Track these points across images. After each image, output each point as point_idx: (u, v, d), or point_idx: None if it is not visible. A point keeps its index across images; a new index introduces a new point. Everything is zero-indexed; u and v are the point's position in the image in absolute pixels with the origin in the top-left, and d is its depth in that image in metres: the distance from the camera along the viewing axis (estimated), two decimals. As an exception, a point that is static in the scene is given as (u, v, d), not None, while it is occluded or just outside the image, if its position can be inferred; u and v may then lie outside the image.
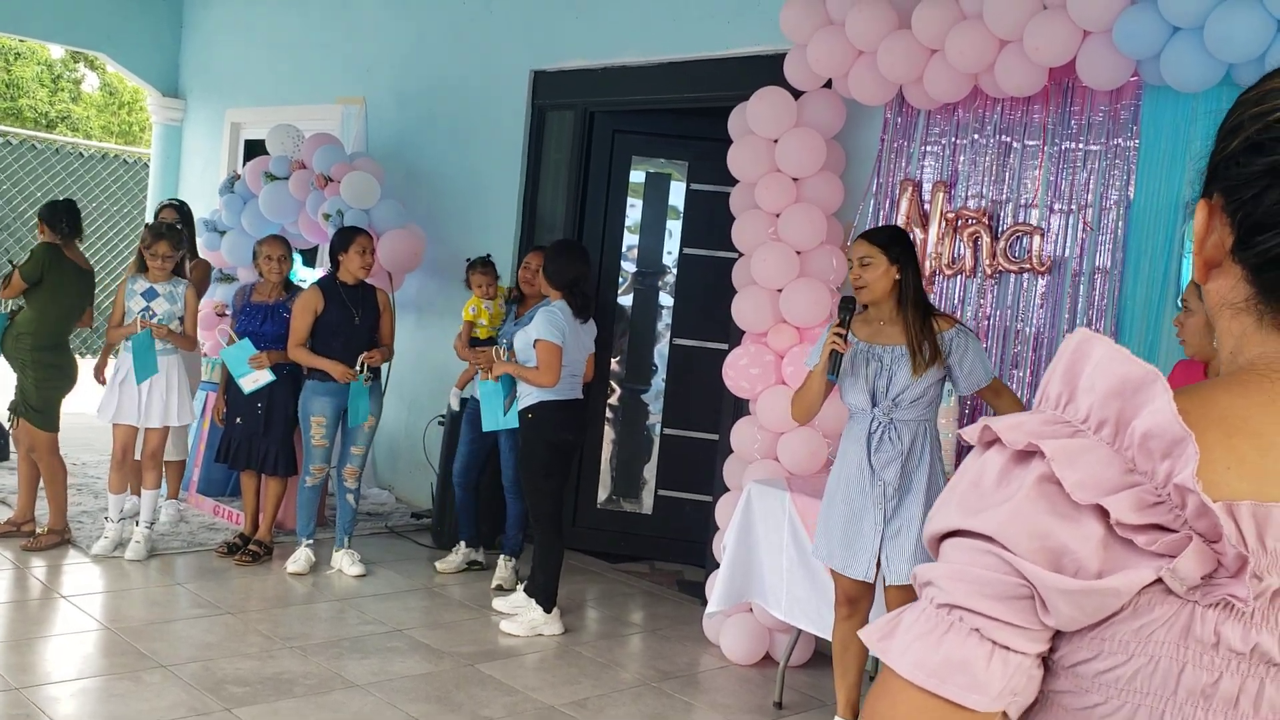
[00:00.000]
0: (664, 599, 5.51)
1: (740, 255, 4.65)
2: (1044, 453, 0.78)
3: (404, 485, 6.91)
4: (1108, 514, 0.76)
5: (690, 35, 5.43)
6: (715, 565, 4.47)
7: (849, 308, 3.44)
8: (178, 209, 6.05)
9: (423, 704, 3.91)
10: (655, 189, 6.12)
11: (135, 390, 5.13)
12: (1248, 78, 3.30)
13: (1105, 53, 3.69)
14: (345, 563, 5.34)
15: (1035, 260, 4.18)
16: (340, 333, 5.21)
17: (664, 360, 6.09)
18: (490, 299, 5.57)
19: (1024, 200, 4.25)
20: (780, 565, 4.08)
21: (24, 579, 4.91)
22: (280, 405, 5.40)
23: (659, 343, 6.13)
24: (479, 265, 5.58)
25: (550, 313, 4.61)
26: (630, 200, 6.11)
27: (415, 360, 6.51)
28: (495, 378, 4.91)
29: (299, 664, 4.16)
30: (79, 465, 6.75)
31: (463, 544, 5.58)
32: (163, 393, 5.16)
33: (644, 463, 6.15)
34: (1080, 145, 4.09)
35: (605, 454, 6.18)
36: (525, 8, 6.30)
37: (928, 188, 4.50)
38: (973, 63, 3.97)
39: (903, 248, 3.48)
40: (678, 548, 5.95)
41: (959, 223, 4.39)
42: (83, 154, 11.39)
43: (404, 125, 7.03)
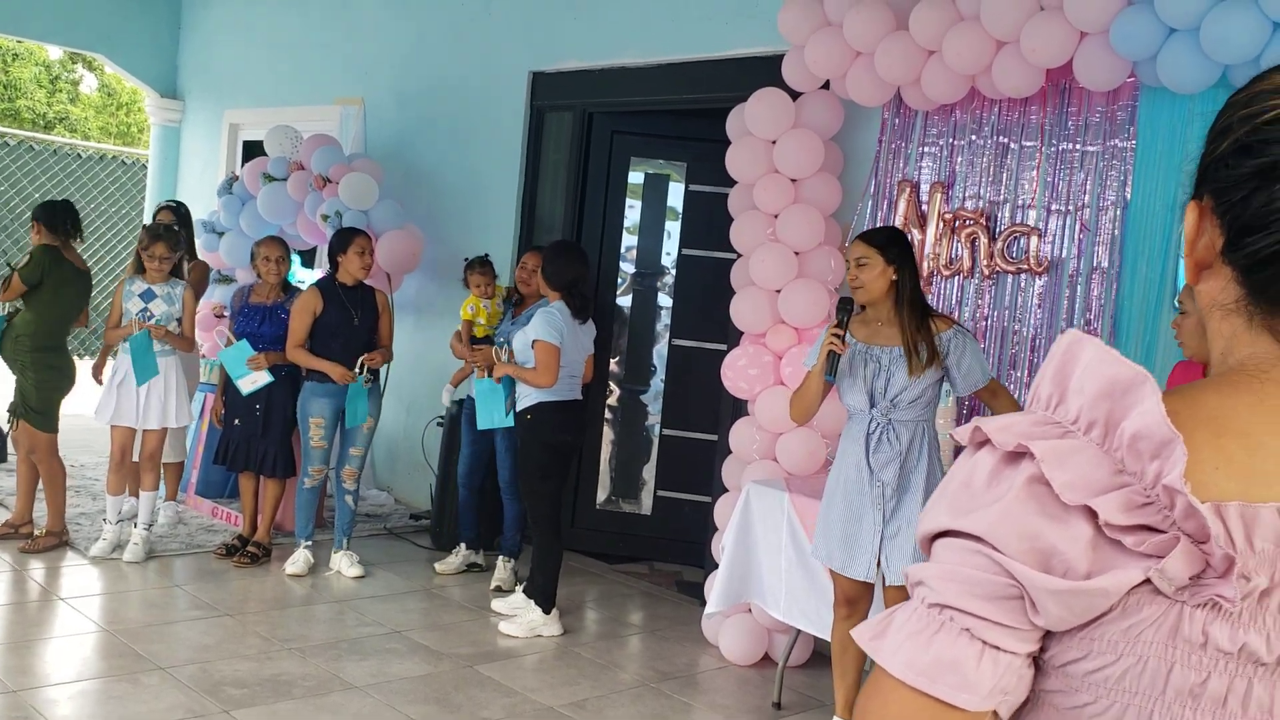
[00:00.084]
0: (663, 600, 5.51)
1: (739, 256, 4.65)
2: (1033, 454, 0.79)
3: (403, 487, 6.91)
4: (1096, 515, 0.76)
5: (689, 36, 5.44)
6: (714, 566, 4.47)
7: (847, 309, 3.45)
8: (174, 210, 6.04)
9: (422, 705, 3.91)
10: (654, 190, 6.12)
11: (133, 392, 5.13)
12: (1244, 79, 3.28)
13: (1102, 54, 3.70)
14: (344, 564, 5.34)
15: (1033, 261, 4.18)
16: (339, 334, 5.21)
17: (663, 361, 6.09)
18: (488, 298, 5.57)
19: (1021, 201, 4.25)
20: (779, 566, 4.08)
21: (22, 581, 4.91)
22: (279, 407, 5.40)
23: (658, 343, 6.14)
24: (477, 264, 5.58)
25: (549, 313, 4.62)
26: (629, 201, 6.11)
27: (414, 361, 6.52)
28: (497, 379, 4.92)
29: (298, 665, 4.16)
30: (77, 467, 6.74)
31: (462, 546, 5.57)
32: (161, 394, 5.16)
33: (643, 463, 6.16)
34: (1077, 146, 4.10)
35: (604, 455, 6.18)
36: (524, 9, 6.30)
37: (925, 189, 4.50)
38: (970, 64, 3.97)
39: (900, 249, 3.48)
40: (677, 548, 5.95)
41: (956, 223, 4.39)
42: (81, 155, 11.39)
43: (403, 126, 7.04)
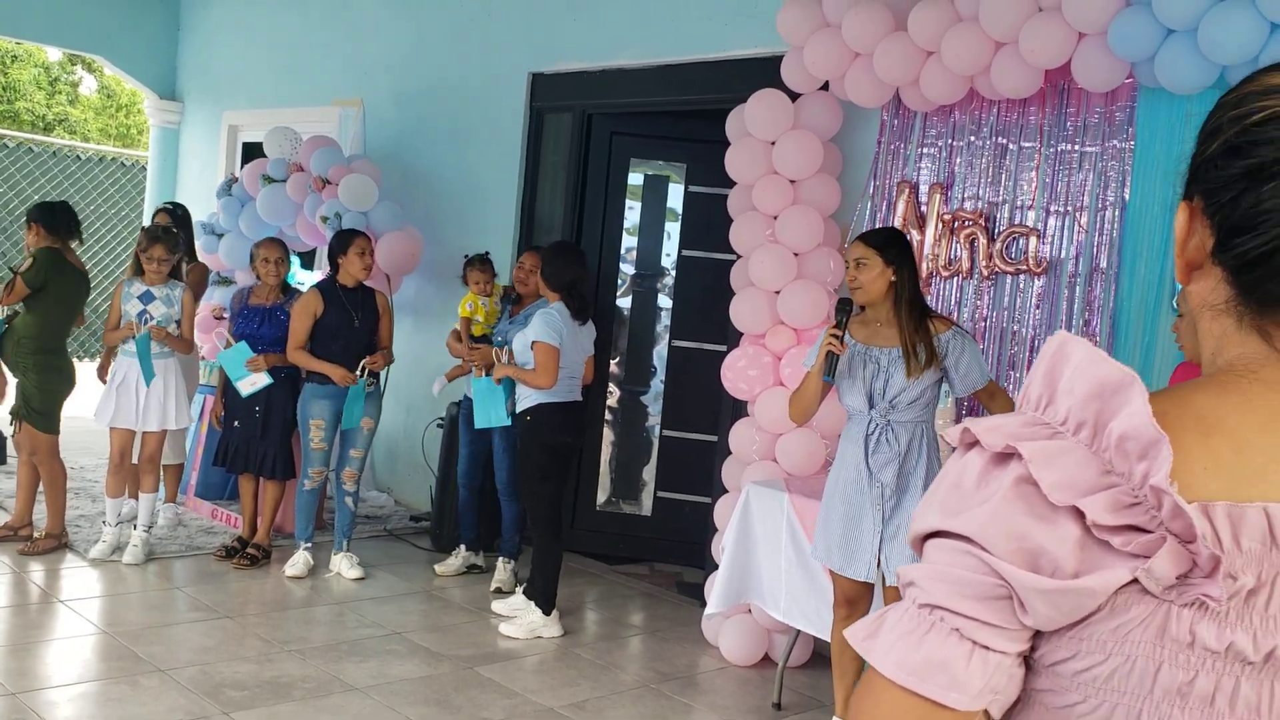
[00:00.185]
0: (663, 600, 5.51)
1: (738, 257, 4.66)
2: (1022, 454, 0.79)
3: (403, 488, 6.91)
4: (1084, 515, 0.77)
5: (688, 38, 5.44)
6: (714, 567, 4.48)
7: (846, 309, 3.45)
8: (171, 212, 6.04)
9: (422, 707, 3.91)
10: (653, 191, 6.13)
11: (132, 394, 5.13)
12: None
13: (1100, 55, 3.70)
14: (344, 566, 5.34)
15: (1032, 261, 4.19)
16: (340, 336, 5.21)
17: (663, 362, 6.10)
18: (487, 296, 5.57)
19: (1020, 202, 4.25)
20: (779, 566, 4.08)
21: (22, 583, 4.91)
22: (278, 408, 5.40)
23: (658, 345, 6.14)
24: (477, 262, 5.58)
25: (548, 314, 4.62)
26: (628, 202, 6.11)
27: (413, 363, 6.51)
28: (497, 380, 4.92)
29: (298, 667, 4.16)
30: (76, 469, 6.74)
31: (462, 547, 5.57)
32: (160, 396, 5.16)
33: (643, 464, 6.16)
34: (1076, 147, 4.10)
35: (604, 456, 6.18)
36: (523, 10, 6.30)
37: (924, 189, 4.51)
38: (969, 65, 3.98)
39: (899, 250, 3.48)
40: (677, 549, 5.95)
41: (955, 224, 4.39)
42: (80, 157, 11.39)
43: (402, 127, 7.04)
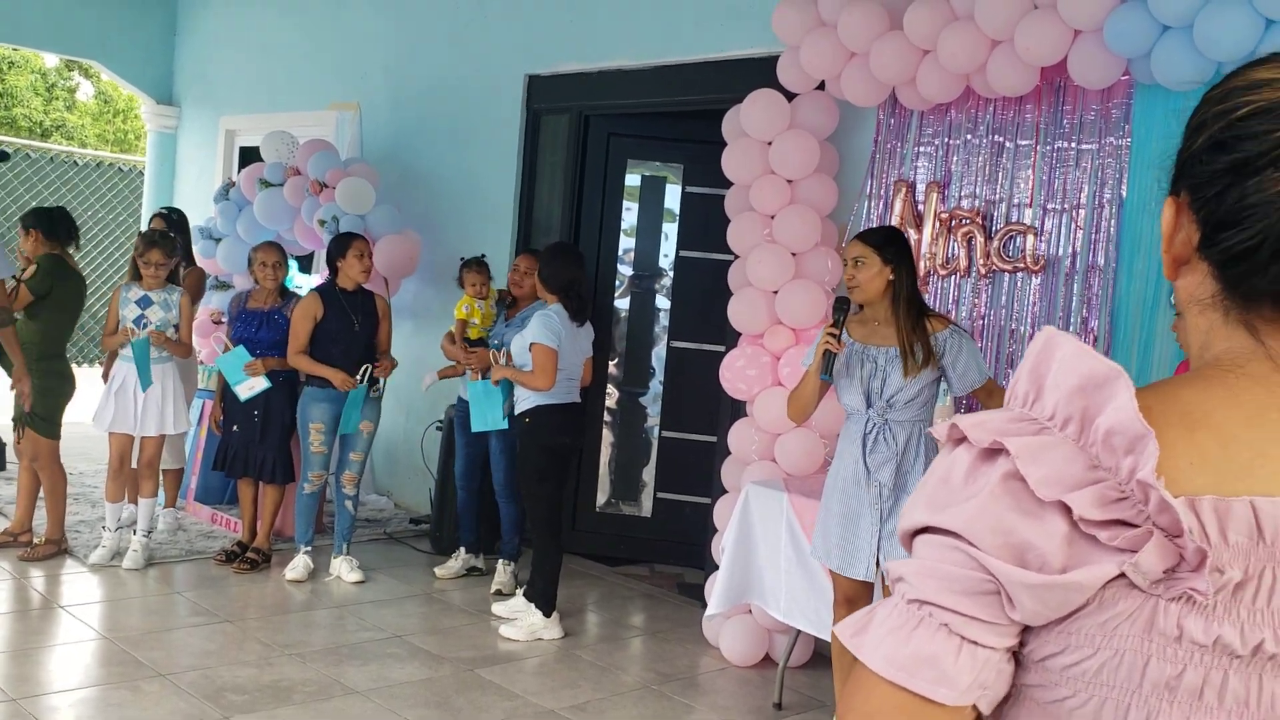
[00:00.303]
0: (664, 601, 5.51)
1: (736, 257, 4.66)
2: (1009, 450, 0.79)
3: (402, 491, 6.90)
4: (1071, 510, 0.77)
5: (684, 38, 5.44)
6: (715, 567, 4.47)
7: (843, 308, 3.45)
8: (167, 217, 6.05)
9: (422, 709, 3.91)
10: (651, 192, 6.13)
11: (131, 398, 5.12)
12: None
13: (1096, 52, 3.70)
14: (344, 569, 5.34)
15: (1029, 259, 4.19)
16: (339, 339, 5.21)
17: (661, 363, 6.10)
18: (483, 298, 5.57)
19: (1017, 200, 4.25)
20: (779, 566, 4.08)
21: (22, 589, 4.91)
22: (277, 412, 5.40)
23: (656, 345, 6.14)
24: (473, 264, 5.58)
25: (546, 316, 4.62)
26: (626, 203, 6.11)
27: (412, 366, 6.50)
28: (495, 382, 4.92)
29: (298, 671, 4.16)
30: (76, 474, 6.73)
31: (462, 550, 5.57)
32: (158, 401, 5.16)
33: (642, 465, 6.16)
34: (1073, 144, 4.10)
35: (604, 457, 6.18)
36: (519, 12, 6.30)
37: (921, 188, 4.51)
38: (965, 63, 3.98)
39: (897, 248, 3.48)
40: (677, 550, 5.95)
41: (953, 223, 4.39)
42: (77, 162, 11.40)
43: (399, 130, 7.04)
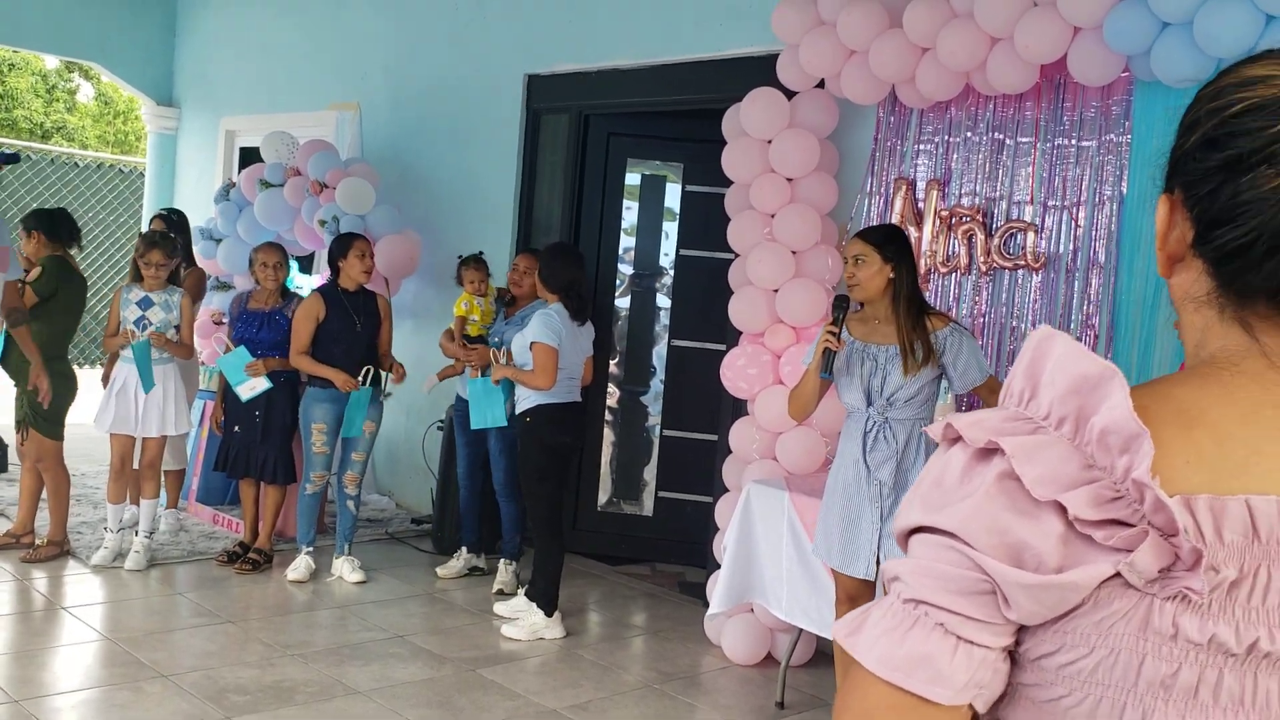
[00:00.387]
0: (665, 601, 5.51)
1: (736, 256, 4.66)
2: (1004, 450, 0.79)
3: (404, 491, 6.90)
4: (1067, 510, 0.77)
5: (683, 37, 5.44)
6: (716, 566, 4.47)
7: (843, 306, 3.45)
8: (167, 218, 6.06)
9: (424, 709, 3.91)
10: (651, 191, 6.13)
11: (132, 400, 5.12)
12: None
13: (1096, 49, 3.70)
14: (345, 569, 5.34)
15: (1029, 257, 4.18)
16: (341, 340, 5.21)
17: (662, 362, 6.10)
18: (482, 295, 5.57)
19: (1017, 197, 4.25)
20: (780, 565, 4.08)
21: (25, 591, 4.91)
22: (278, 413, 5.40)
23: (657, 344, 6.14)
24: (471, 262, 5.59)
25: (547, 315, 4.62)
26: (626, 203, 6.11)
27: (413, 365, 6.49)
28: (495, 381, 4.92)
29: (300, 672, 4.16)
30: (78, 476, 6.73)
31: (464, 549, 5.57)
32: (160, 402, 5.16)
33: (644, 465, 6.16)
34: (1073, 141, 4.10)
35: (605, 456, 6.18)
36: (518, 12, 6.30)
37: (921, 186, 4.50)
38: (964, 61, 3.97)
39: (898, 246, 3.48)
40: (679, 549, 5.95)
41: (953, 220, 4.39)
42: (78, 164, 11.40)
43: (399, 130, 7.04)
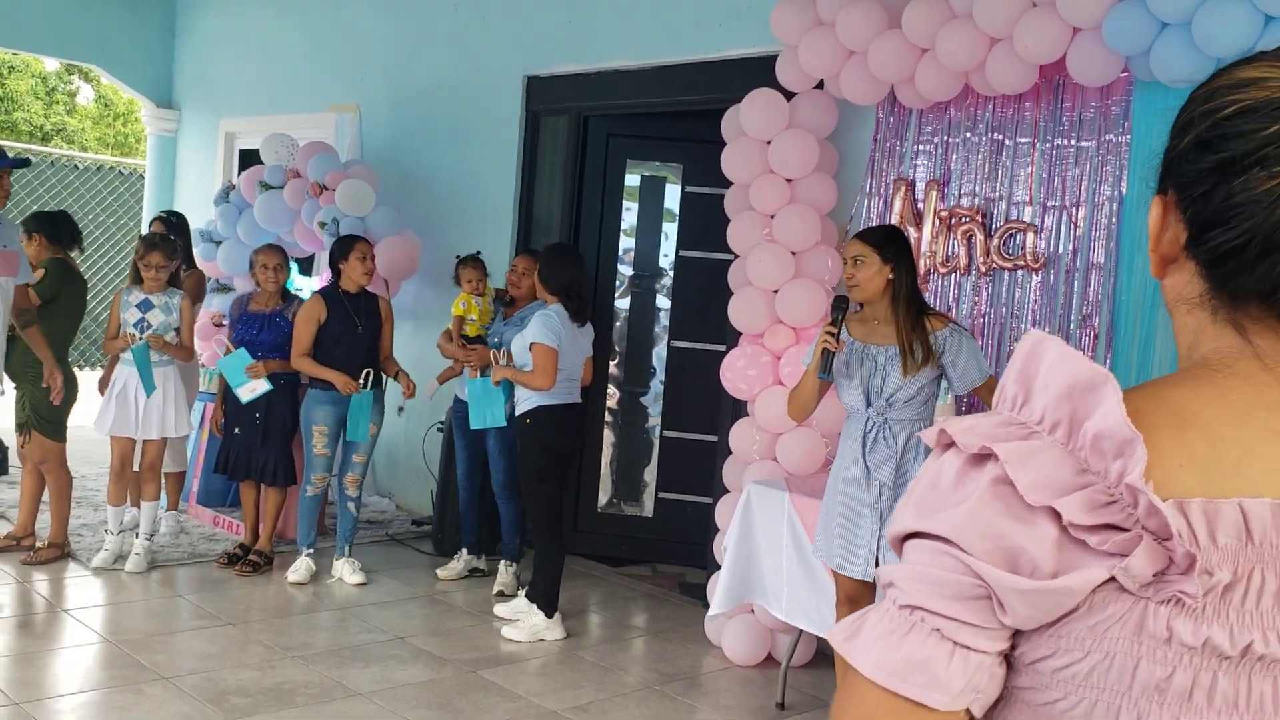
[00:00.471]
0: (666, 602, 5.51)
1: (736, 257, 4.66)
2: (997, 455, 0.79)
3: (404, 493, 6.90)
4: (1061, 515, 0.77)
5: (682, 38, 5.44)
6: (717, 567, 4.47)
7: (842, 307, 3.45)
8: (166, 220, 6.06)
9: (425, 711, 3.91)
10: (650, 192, 6.13)
11: (132, 402, 5.12)
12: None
13: (1095, 49, 3.70)
14: (346, 571, 5.34)
15: (1029, 257, 4.18)
16: (343, 342, 5.21)
17: (662, 363, 6.10)
18: (479, 295, 5.57)
19: (1017, 197, 4.25)
20: (780, 566, 4.08)
21: (25, 593, 4.91)
22: (278, 415, 5.40)
23: (656, 345, 6.14)
24: (469, 261, 5.59)
25: (546, 316, 4.62)
26: (625, 204, 6.11)
27: (413, 367, 6.48)
28: (496, 382, 4.92)
29: (301, 673, 4.16)
30: (78, 478, 6.71)
31: (464, 551, 5.57)
32: (160, 404, 5.16)
33: (644, 466, 6.16)
34: (1072, 142, 4.10)
35: (605, 457, 6.18)
36: (518, 13, 6.30)
37: (921, 186, 4.50)
38: (963, 61, 3.97)
39: (897, 247, 3.48)
40: (679, 550, 5.95)
41: (953, 221, 4.39)
42: (78, 166, 11.40)
43: (398, 132, 7.04)
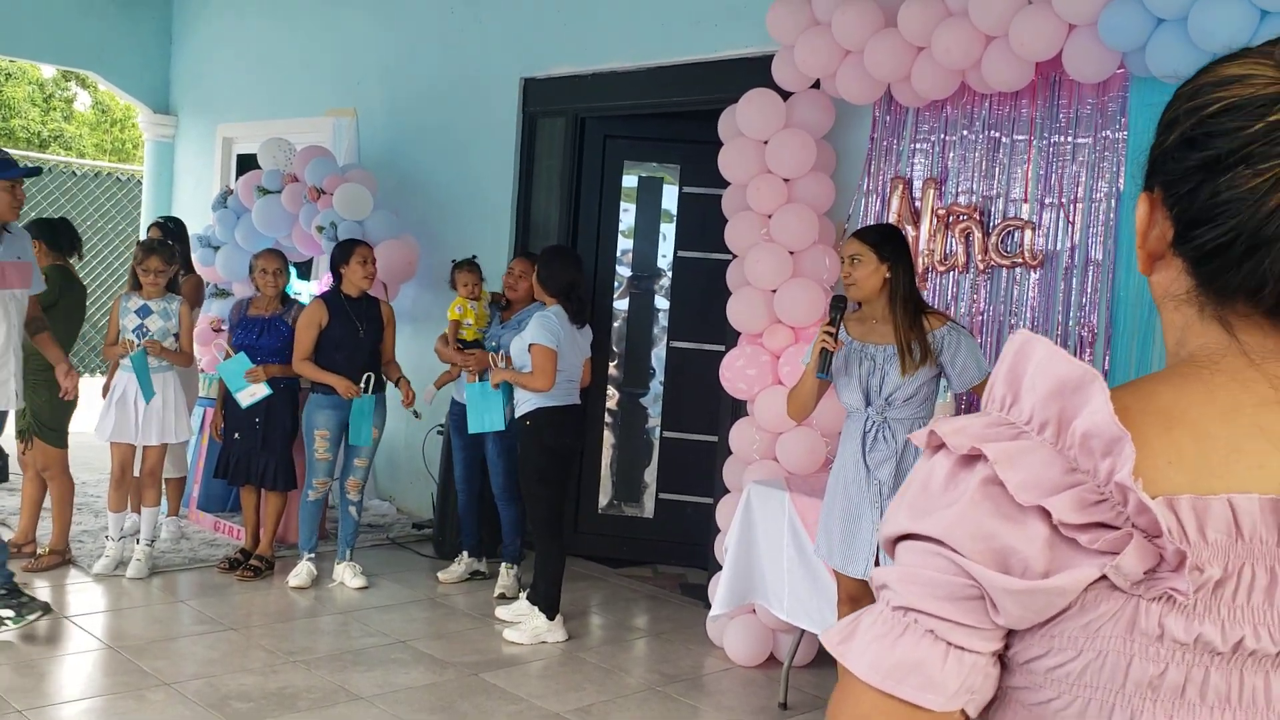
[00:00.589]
0: (667, 603, 5.50)
1: (734, 257, 4.66)
2: (987, 456, 0.79)
3: (404, 496, 6.90)
4: (1051, 514, 0.77)
5: (678, 39, 5.44)
6: (718, 567, 4.47)
7: (840, 307, 3.45)
8: (163, 226, 6.06)
9: (427, 714, 3.91)
10: (648, 193, 6.13)
11: (132, 408, 5.12)
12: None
13: (1091, 46, 3.70)
14: (347, 575, 5.34)
15: (1027, 254, 4.19)
16: (344, 346, 5.21)
17: (661, 363, 6.10)
18: (475, 299, 5.57)
19: (1014, 195, 4.25)
20: (781, 566, 4.08)
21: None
22: (278, 420, 5.40)
23: (656, 346, 6.14)
24: (464, 265, 5.59)
25: (545, 318, 4.62)
26: (623, 205, 6.11)
27: (412, 371, 6.48)
28: (495, 385, 4.92)
29: (303, 678, 4.16)
30: (79, 484, 6.70)
31: (465, 554, 5.57)
32: (159, 410, 5.16)
33: (644, 466, 6.16)
34: (1069, 138, 4.10)
35: (605, 459, 6.18)
36: (513, 16, 6.30)
37: (918, 185, 4.51)
38: (959, 59, 3.97)
39: (894, 246, 3.47)
40: (680, 551, 5.95)
41: (950, 219, 4.39)
42: (75, 173, 11.39)
43: (395, 136, 7.04)
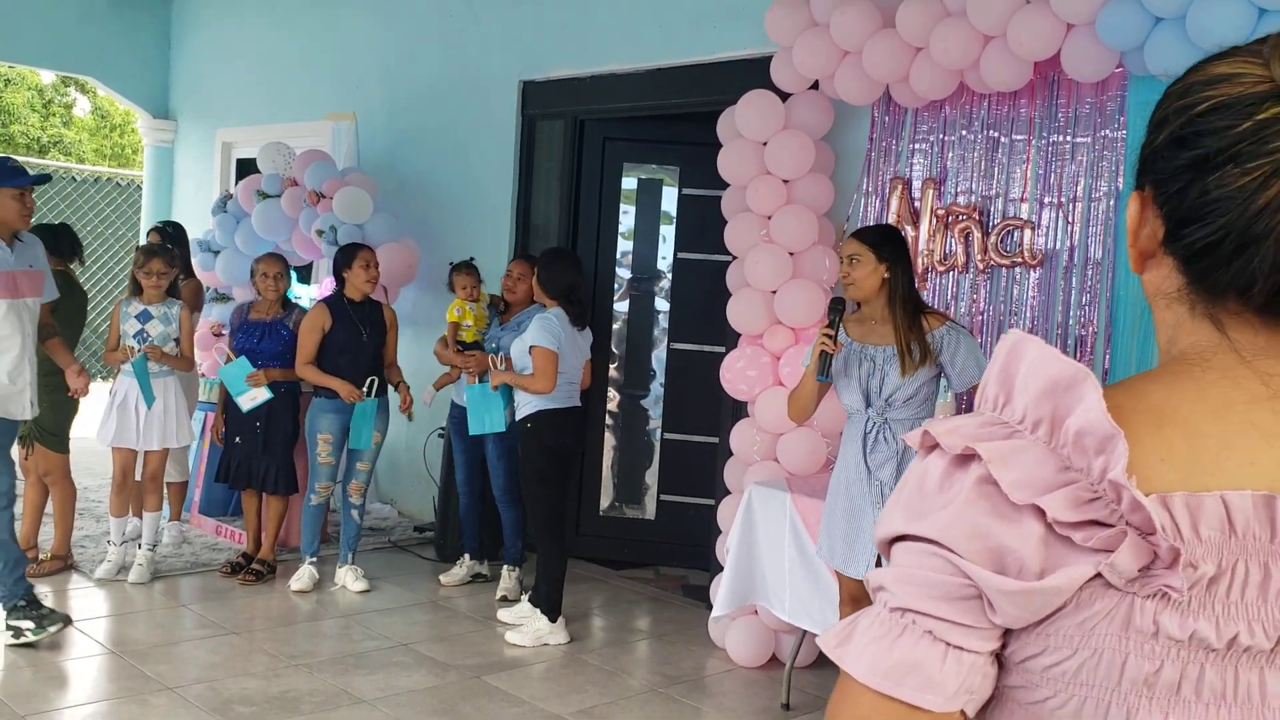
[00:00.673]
0: (669, 604, 5.50)
1: (734, 258, 4.66)
2: (981, 455, 0.79)
3: (406, 499, 6.90)
4: (1045, 513, 0.77)
5: (677, 41, 5.44)
6: (719, 569, 4.47)
7: (838, 308, 3.45)
8: (162, 231, 6.07)
9: (429, 717, 3.91)
10: (647, 195, 6.13)
11: (133, 413, 5.13)
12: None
13: (1089, 45, 3.70)
14: (349, 579, 5.34)
15: (1027, 254, 4.19)
16: (347, 350, 5.21)
17: (662, 365, 6.10)
18: (474, 301, 5.58)
19: (1013, 194, 4.25)
20: (783, 566, 4.08)
21: (28, 605, 4.91)
22: (279, 423, 5.40)
23: (656, 348, 6.14)
24: (463, 268, 5.59)
25: (546, 319, 4.62)
26: (623, 207, 6.12)
27: (412, 374, 6.48)
28: (494, 387, 4.93)
29: (305, 682, 4.16)
30: (80, 489, 6.71)
31: (466, 556, 5.57)
32: (161, 415, 5.16)
33: (645, 468, 6.16)
34: (1068, 138, 4.10)
35: (606, 460, 6.18)
36: (512, 18, 6.31)
37: (917, 185, 4.51)
38: (958, 59, 3.98)
39: (893, 246, 3.47)
40: (682, 552, 5.95)
41: (950, 219, 4.40)
42: (75, 178, 11.39)
43: (395, 139, 7.04)
